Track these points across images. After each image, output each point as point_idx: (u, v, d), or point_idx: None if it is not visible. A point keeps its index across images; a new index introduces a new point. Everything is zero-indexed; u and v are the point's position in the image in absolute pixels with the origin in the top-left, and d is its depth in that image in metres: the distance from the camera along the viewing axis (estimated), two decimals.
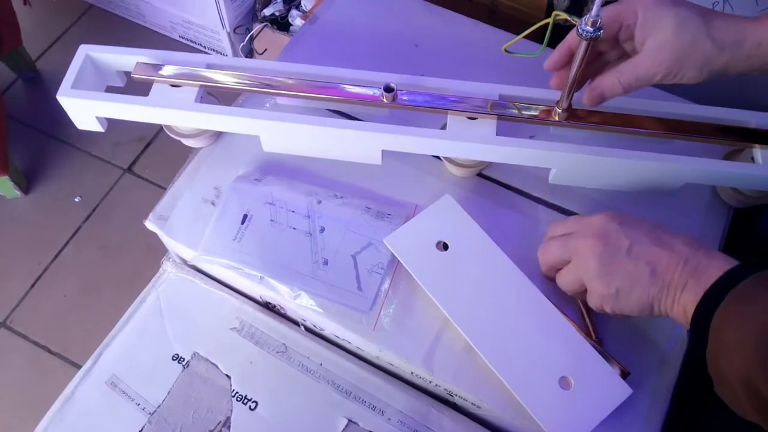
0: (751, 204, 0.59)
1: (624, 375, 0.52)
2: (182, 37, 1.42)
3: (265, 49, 1.34)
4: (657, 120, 0.57)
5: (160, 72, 0.61)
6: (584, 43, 0.49)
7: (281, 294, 0.57)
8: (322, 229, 0.59)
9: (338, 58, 0.71)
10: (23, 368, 1.04)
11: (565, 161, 0.57)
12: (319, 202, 0.60)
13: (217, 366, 0.59)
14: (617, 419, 0.51)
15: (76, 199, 1.20)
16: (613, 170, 0.57)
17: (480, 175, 0.64)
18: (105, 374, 0.59)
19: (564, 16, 0.50)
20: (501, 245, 0.57)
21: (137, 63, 0.63)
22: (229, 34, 1.31)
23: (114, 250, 1.15)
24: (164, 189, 1.18)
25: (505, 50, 0.54)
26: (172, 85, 0.61)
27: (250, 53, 1.39)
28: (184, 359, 0.59)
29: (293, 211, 0.60)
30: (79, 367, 1.04)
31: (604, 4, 0.47)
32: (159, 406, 0.57)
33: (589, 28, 0.47)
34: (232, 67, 0.62)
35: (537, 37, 0.55)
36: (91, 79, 0.63)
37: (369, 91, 0.60)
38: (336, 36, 0.74)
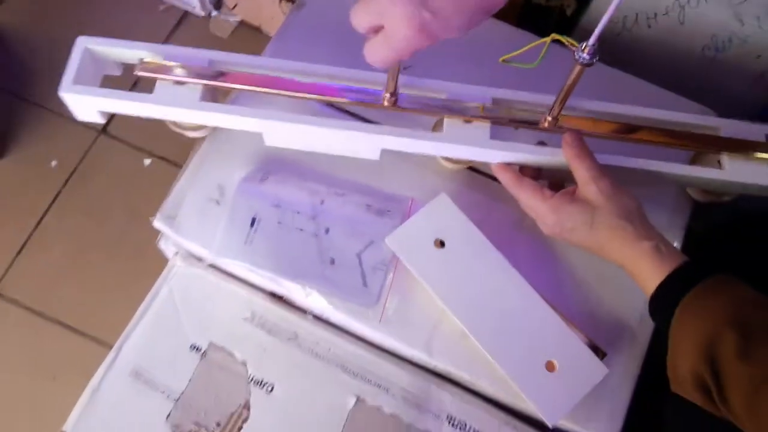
0: (716, 201, 0.65)
1: (601, 356, 0.60)
2: None
3: (236, 4, 1.32)
4: (644, 129, 0.62)
5: (163, 70, 0.62)
6: (578, 68, 0.52)
7: (293, 293, 0.61)
8: (327, 230, 0.63)
9: (330, 48, 0.73)
10: (19, 334, 1.07)
11: (555, 165, 0.62)
12: (323, 202, 0.64)
13: (232, 354, 0.64)
14: (593, 393, 0.58)
15: (53, 164, 1.20)
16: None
17: (471, 168, 0.69)
18: (128, 366, 0.63)
19: (564, 39, 0.53)
20: (491, 235, 0.62)
21: (140, 60, 0.64)
22: None
23: (97, 215, 1.17)
24: (138, 150, 1.20)
25: (503, 60, 0.57)
26: (176, 83, 0.63)
27: (218, 5, 1.36)
28: (201, 349, 0.64)
29: (299, 213, 0.63)
30: (74, 330, 1.08)
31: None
32: (182, 392, 0.62)
33: (585, 55, 0.51)
34: (234, 63, 0.64)
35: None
36: (90, 71, 0.64)
37: (369, 93, 0.63)
38: (325, 24, 0.75)
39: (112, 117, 0.66)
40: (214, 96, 0.67)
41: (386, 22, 0.45)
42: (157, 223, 0.66)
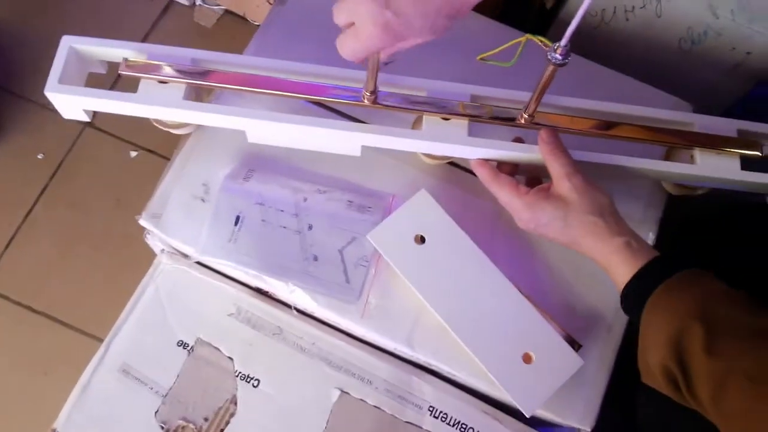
0: (689, 195, 0.67)
1: (577, 348, 0.62)
2: None
3: None
4: (617, 126, 0.63)
5: (147, 69, 0.63)
6: (551, 68, 0.53)
7: (277, 289, 0.63)
8: (310, 227, 0.64)
9: (313, 44, 0.73)
10: (9, 330, 1.08)
11: (531, 162, 0.63)
12: (305, 199, 0.65)
13: (219, 349, 0.66)
14: (569, 384, 0.60)
15: (39, 156, 1.20)
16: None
17: (451, 163, 0.70)
18: (117, 362, 0.65)
19: (537, 39, 0.54)
20: (469, 229, 0.64)
21: (124, 59, 0.64)
22: None
23: (84, 207, 1.17)
24: (125, 142, 1.21)
25: (481, 59, 0.58)
26: (160, 82, 0.63)
27: None
28: (188, 345, 0.66)
29: (282, 210, 0.64)
30: (64, 324, 1.10)
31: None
32: (170, 388, 0.64)
33: (557, 56, 0.52)
34: (217, 62, 0.65)
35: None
36: (75, 69, 0.65)
37: (350, 91, 0.63)
38: (308, 19, 0.76)
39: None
40: (197, 94, 0.67)
41: (355, 19, 0.48)
42: (143, 222, 0.67)
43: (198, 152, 0.69)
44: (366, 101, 0.63)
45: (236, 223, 0.64)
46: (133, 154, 1.22)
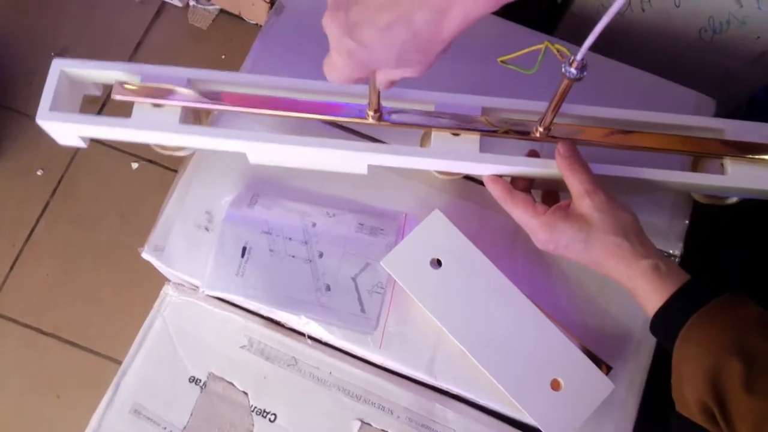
0: (718, 203, 0.63)
1: (606, 370, 0.59)
2: None
3: None
4: (638, 134, 0.59)
5: (140, 92, 0.60)
6: (566, 83, 0.50)
7: (290, 322, 0.60)
8: (321, 254, 0.61)
9: (312, 54, 0.69)
10: (19, 352, 1.06)
11: (547, 176, 0.60)
12: (314, 224, 0.62)
13: (233, 384, 0.63)
14: (598, 408, 0.58)
15: (39, 173, 1.17)
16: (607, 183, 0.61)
17: (466, 177, 0.67)
18: (127, 403, 0.63)
19: (555, 47, 0.50)
20: (487, 247, 0.61)
21: (116, 82, 0.61)
22: None
23: (87, 222, 1.14)
24: (126, 153, 1.18)
25: (501, 62, 0.55)
26: (155, 105, 0.60)
27: None
28: (200, 380, 0.63)
29: (290, 238, 0.61)
30: (74, 344, 1.08)
31: None
32: (185, 427, 0.62)
33: (572, 70, 0.48)
34: (214, 81, 0.62)
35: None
36: (68, 94, 0.63)
37: (354, 108, 0.60)
38: (307, 29, 0.72)
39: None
40: (195, 116, 0.64)
41: (329, 42, 0.43)
42: (146, 255, 0.64)
43: (199, 178, 0.66)
44: (370, 119, 0.59)
45: (243, 255, 0.61)
46: (135, 165, 1.18)
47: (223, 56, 1.29)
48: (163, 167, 1.18)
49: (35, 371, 1.05)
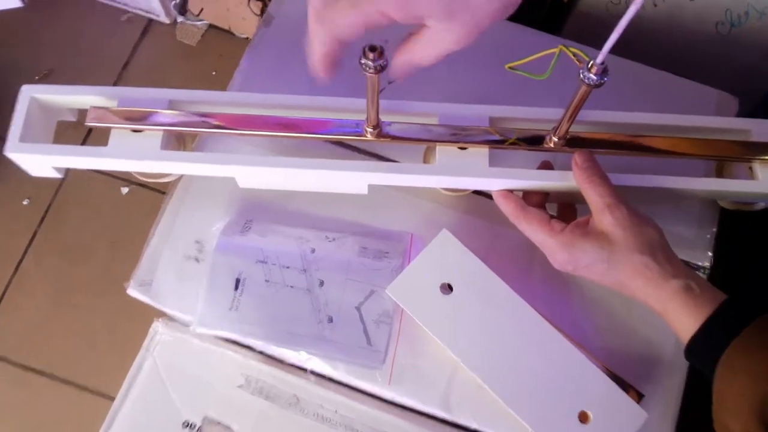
0: (747, 209, 0.59)
1: (638, 398, 0.54)
2: None
3: (201, 9, 1.23)
4: (659, 139, 0.55)
5: (117, 118, 0.55)
6: (584, 89, 0.45)
7: (290, 359, 0.55)
8: (321, 283, 0.56)
9: (304, 68, 0.65)
10: (10, 392, 1.01)
11: (563, 190, 0.55)
12: (313, 250, 0.57)
13: (230, 428, 0.58)
14: None
15: (25, 202, 1.12)
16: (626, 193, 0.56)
17: (475, 191, 0.62)
18: None
19: (571, 51, 0.46)
20: (501, 268, 0.56)
21: (91, 107, 0.57)
22: None
23: (77, 252, 1.10)
24: (115, 178, 1.13)
25: (510, 68, 0.50)
26: (134, 131, 0.56)
27: (183, 10, 1.27)
28: (195, 425, 0.58)
29: (287, 267, 0.57)
30: (67, 382, 1.02)
31: None
32: None
33: (592, 76, 0.44)
34: (197, 101, 0.57)
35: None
36: (40, 121, 0.58)
37: (350, 125, 0.55)
38: (296, 40, 0.67)
39: (82, 144, 0.59)
40: (179, 140, 0.60)
41: None
42: (132, 291, 0.59)
43: (187, 205, 0.61)
44: (369, 135, 0.55)
45: (236, 287, 0.56)
46: (125, 190, 1.14)
47: (214, 72, 1.25)
48: (155, 191, 1.13)
49: (27, 411, 1.01)
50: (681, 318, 0.47)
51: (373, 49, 0.41)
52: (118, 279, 1.08)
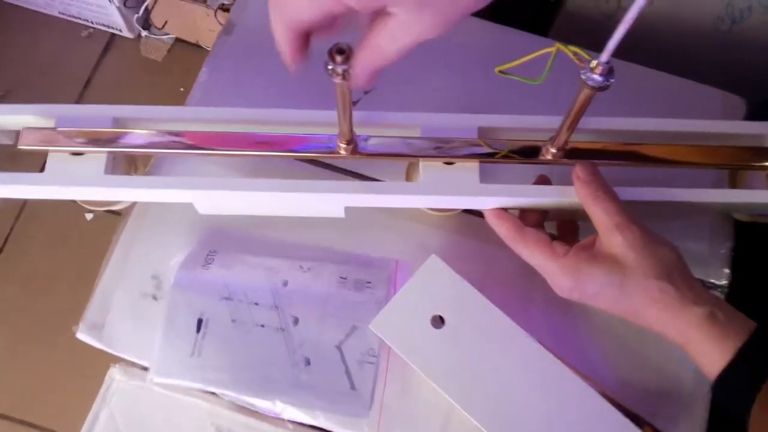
0: (761, 222, 0.53)
1: None
2: (63, 14, 1.21)
3: (166, 22, 1.17)
4: (668, 147, 0.49)
5: (54, 139, 0.48)
6: (587, 92, 0.39)
7: (262, 409, 0.48)
8: (296, 320, 0.50)
9: (269, 76, 0.59)
10: None
11: (563, 207, 0.49)
12: (285, 283, 0.51)
13: None
14: None
15: None
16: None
17: (465, 210, 0.56)
18: None
19: (570, 50, 0.40)
20: (498, 295, 0.50)
21: (24, 129, 0.50)
22: (119, 7, 1.12)
23: (40, 284, 1.02)
24: (78, 204, 1.06)
25: (500, 72, 0.44)
26: (74, 153, 0.49)
27: (146, 24, 1.20)
28: None
29: (256, 304, 0.50)
30: (30, 425, 0.94)
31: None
32: None
33: (596, 77, 0.38)
34: (146, 118, 0.51)
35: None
36: None
37: (321, 140, 0.49)
38: (260, 48, 0.61)
39: (42, 167, 0.52)
40: (129, 162, 0.53)
41: None
42: (81, 335, 0.53)
43: (142, 235, 0.55)
44: (342, 152, 0.48)
45: (198, 330, 0.49)
46: (89, 216, 1.07)
47: (182, 89, 1.18)
48: (120, 215, 1.06)
49: None
50: (706, 350, 0.41)
51: (340, 51, 0.34)
52: (83, 309, 1.01)
